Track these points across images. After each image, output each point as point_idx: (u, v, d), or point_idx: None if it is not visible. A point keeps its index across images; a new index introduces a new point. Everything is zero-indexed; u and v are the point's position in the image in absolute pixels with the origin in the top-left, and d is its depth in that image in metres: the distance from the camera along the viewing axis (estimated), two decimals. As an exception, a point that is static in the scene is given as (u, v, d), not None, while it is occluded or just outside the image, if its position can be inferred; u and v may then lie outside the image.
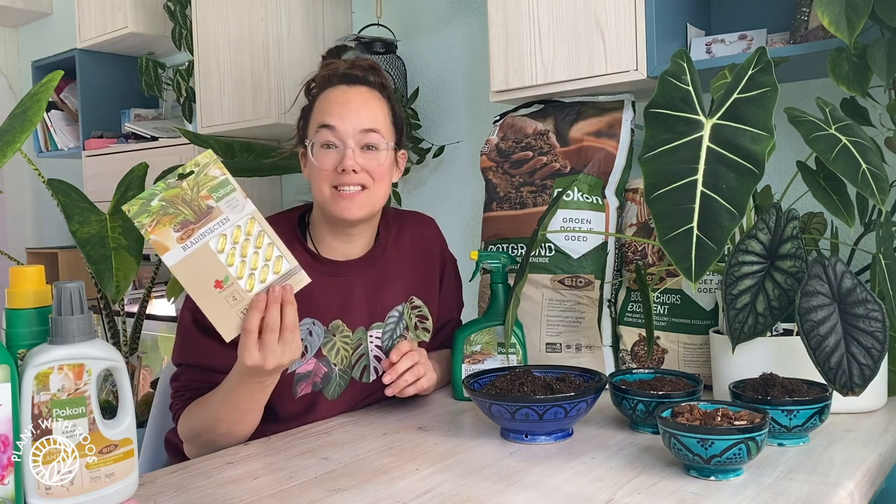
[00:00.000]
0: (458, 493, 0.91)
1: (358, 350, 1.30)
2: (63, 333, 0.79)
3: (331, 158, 1.23)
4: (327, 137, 1.23)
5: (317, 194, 1.26)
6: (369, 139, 1.24)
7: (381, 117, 1.27)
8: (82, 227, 1.80)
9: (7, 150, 1.44)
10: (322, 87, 1.30)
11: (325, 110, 1.25)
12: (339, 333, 1.29)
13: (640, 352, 1.46)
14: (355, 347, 1.30)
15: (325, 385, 1.28)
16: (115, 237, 1.82)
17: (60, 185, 1.89)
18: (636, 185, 1.55)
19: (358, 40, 2.20)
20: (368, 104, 1.26)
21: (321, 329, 1.27)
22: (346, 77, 1.28)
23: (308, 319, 1.26)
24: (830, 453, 1.02)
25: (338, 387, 1.29)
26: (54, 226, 3.77)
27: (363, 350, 1.31)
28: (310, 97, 1.32)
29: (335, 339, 1.28)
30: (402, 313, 1.36)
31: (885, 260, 1.16)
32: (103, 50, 3.14)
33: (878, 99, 1.32)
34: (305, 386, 1.26)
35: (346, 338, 1.29)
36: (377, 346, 1.32)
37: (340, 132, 1.23)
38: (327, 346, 1.27)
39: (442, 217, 2.26)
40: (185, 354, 1.24)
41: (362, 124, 1.23)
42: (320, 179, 1.24)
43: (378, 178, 1.25)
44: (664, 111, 1.19)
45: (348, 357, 1.30)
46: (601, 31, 1.56)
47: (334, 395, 1.29)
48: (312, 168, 1.26)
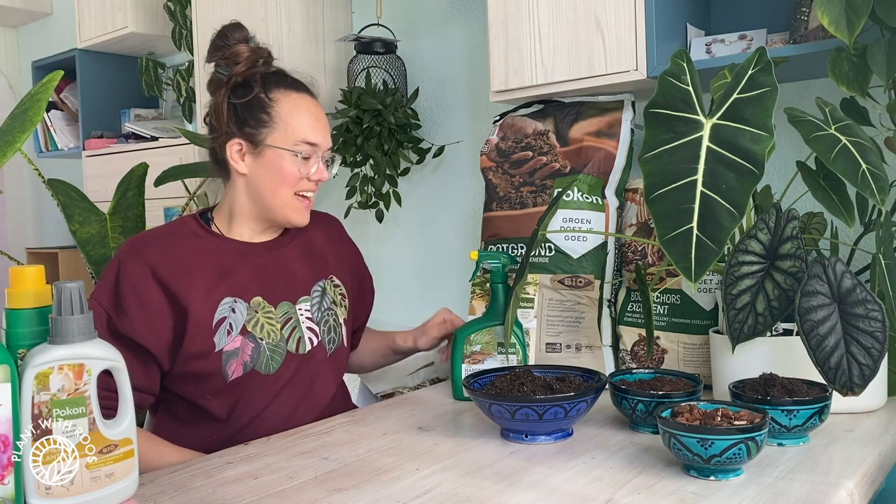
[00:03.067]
0: (458, 493, 0.91)
1: (288, 324, 1.32)
2: (63, 333, 0.79)
3: (306, 168, 1.31)
4: (311, 152, 1.32)
5: (271, 197, 1.31)
6: (328, 155, 1.37)
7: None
8: (82, 227, 1.81)
9: (7, 150, 1.44)
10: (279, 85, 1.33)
11: (306, 124, 1.31)
12: (261, 310, 1.30)
13: (640, 352, 1.46)
14: (284, 322, 1.32)
15: (257, 361, 1.27)
16: (115, 237, 1.83)
17: (60, 185, 1.89)
18: (636, 185, 1.55)
19: (358, 40, 2.20)
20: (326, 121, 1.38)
21: (244, 306, 1.28)
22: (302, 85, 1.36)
23: (229, 298, 1.27)
24: (830, 453, 1.02)
25: (272, 361, 1.29)
26: (54, 226, 3.77)
27: (294, 323, 1.33)
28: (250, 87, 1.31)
29: (258, 315, 1.29)
30: (325, 289, 1.40)
31: (885, 260, 1.16)
32: (103, 50, 3.14)
33: (878, 99, 1.32)
34: (236, 366, 1.25)
35: (270, 313, 1.31)
36: (308, 317, 1.35)
37: (321, 149, 1.33)
38: (251, 323, 1.28)
39: (442, 217, 2.27)
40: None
41: (329, 143, 1.35)
42: (287, 184, 1.31)
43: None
44: (664, 111, 1.19)
45: (277, 331, 1.30)
46: (601, 31, 1.56)
47: (270, 369, 1.28)
48: (276, 171, 1.30)
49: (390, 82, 2.19)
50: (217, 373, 1.25)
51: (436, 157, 2.24)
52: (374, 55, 2.20)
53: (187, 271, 1.26)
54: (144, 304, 1.22)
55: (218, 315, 1.25)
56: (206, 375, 1.25)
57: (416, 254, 2.34)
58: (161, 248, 1.27)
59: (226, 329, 1.26)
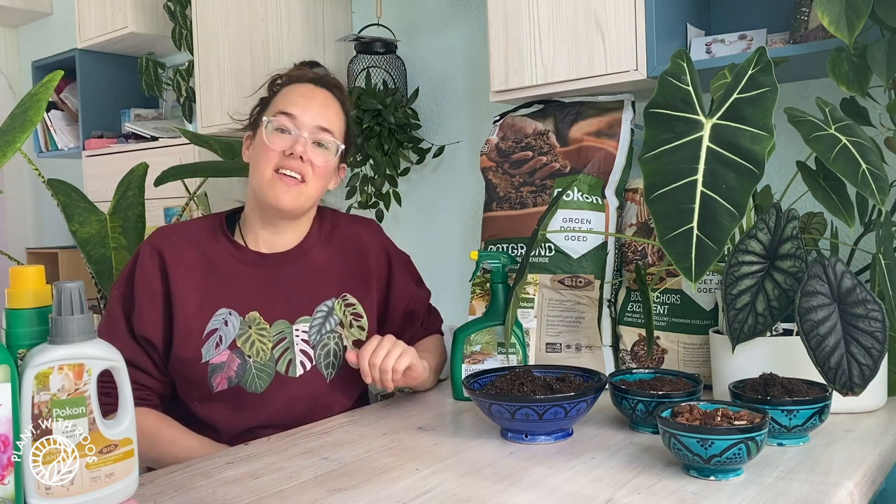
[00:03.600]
0: (458, 493, 0.91)
1: (281, 344, 1.29)
2: (63, 333, 0.79)
3: (282, 142, 1.26)
4: (284, 123, 1.27)
5: (255, 177, 1.28)
6: (322, 137, 1.28)
7: (337, 123, 1.32)
8: (82, 227, 1.81)
9: (7, 150, 1.44)
10: (288, 82, 1.33)
11: (289, 100, 1.29)
12: (254, 326, 1.28)
13: (640, 352, 1.46)
14: (276, 341, 1.29)
15: (242, 378, 1.26)
16: (115, 237, 1.83)
17: (60, 185, 1.89)
18: (636, 185, 1.55)
19: (358, 40, 2.20)
20: (329, 107, 1.31)
21: (237, 320, 1.27)
22: (315, 79, 1.33)
23: (224, 310, 1.27)
24: (830, 453, 1.02)
25: (258, 380, 1.26)
26: (54, 226, 3.77)
27: (287, 344, 1.29)
28: (272, 91, 1.35)
29: (251, 331, 1.28)
30: (333, 308, 1.34)
31: (885, 260, 1.16)
32: (103, 50, 3.14)
33: (878, 99, 1.32)
34: (221, 379, 1.25)
35: (263, 331, 1.28)
36: (304, 339, 1.30)
37: (299, 122, 1.27)
38: (242, 339, 1.27)
39: (442, 217, 2.27)
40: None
41: (320, 121, 1.28)
42: (265, 160, 1.26)
43: (318, 176, 1.28)
44: (664, 111, 1.18)
45: (267, 350, 1.28)
46: (601, 31, 1.56)
47: (257, 388, 1.26)
48: (259, 148, 1.28)
49: (390, 82, 2.19)
50: (203, 382, 1.25)
51: (436, 157, 2.25)
52: (374, 55, 2.20)
53: (190, 274, 1.26)
54: (152, 297, 1.25)
55: (210, 326, 1.25)
56: (193, 381, 1.25)
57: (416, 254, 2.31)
58: (176, 243, 1.28)
59: (215, 341, 1.25)
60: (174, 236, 1.30)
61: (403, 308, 1.44)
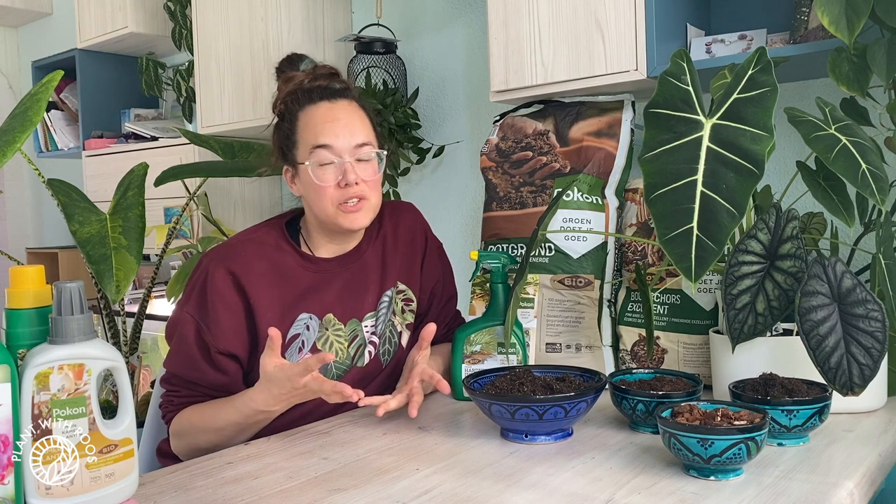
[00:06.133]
0: (458, 493, 0.91)
1: (355, 342, 1.34)
2: (63, 333, 0.80)
3: (331, 175, 1.26)
4: (324, 157, 1.26)
5: (319, 212, 1.29)
6: (362, 153, 1.28)
7: (367, 128, 1.31)
8: (82, 227, 1.80)
9: (7, 150, 1.44)
10: (301, 104, 1.31)
11: (316, 130, 1.27)
12: (331, 327, 1.32)
13: (640, 352, 1.46)
14: (351, 339, 1.33)
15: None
16: (115, 237, 1.82)
17: (60, 185, 1.89)
18: (636, 185, 1.55)
19: (358, 40, 2.20)
20: (354, 118, 1.30)
21: (317, 323, 1.31)
22: (324, 92, 1.31)
23: (305, 315, 1.30)
24: (830, 453, 1.02)
25: (334, 377, 1.31)
26: (54, 226, 3.77)
27: (360, 341, 1.35)
28: (285, 115, 1.32)
29: (328, 332, 1.31)
30: (392, 298, 1.40)
31: (885, 260, 1.16)
32: (103, 50, 3.14)
33: (878, 99, 1.32)
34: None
35: (339, 331, 1.33)
36: (372, 332, 1.36)
37: (337, 149, 1.26)
38: (321, 340, 1.31)
39: (442, 217, 2.26)
40: (182, 369, 1.26)
41: (355, 139, 1.28)
42: (324, 198, 1.27)
43: (373, 187, 1.30)
44: (664, 111, 1.19)
45: (345, 349, 1.33)
46: (601, 31, 1.56)
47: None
48: (312, 187, 1.28)
49: (390, 82, 2.19)
50: None
51: (436, 157, 2.25)
52: (374, 55, 2.20)
53: (267, 285, 1.27)
54: (232, 311, 1.25)
55: (292, 331, 1.28)
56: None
57: (416, 254, 2.33)
58: (244, 256, 1.28)
59: (297, 346, 1.29)
60: (237, 247, 1.30)
61: (430, 290, 1.47)
